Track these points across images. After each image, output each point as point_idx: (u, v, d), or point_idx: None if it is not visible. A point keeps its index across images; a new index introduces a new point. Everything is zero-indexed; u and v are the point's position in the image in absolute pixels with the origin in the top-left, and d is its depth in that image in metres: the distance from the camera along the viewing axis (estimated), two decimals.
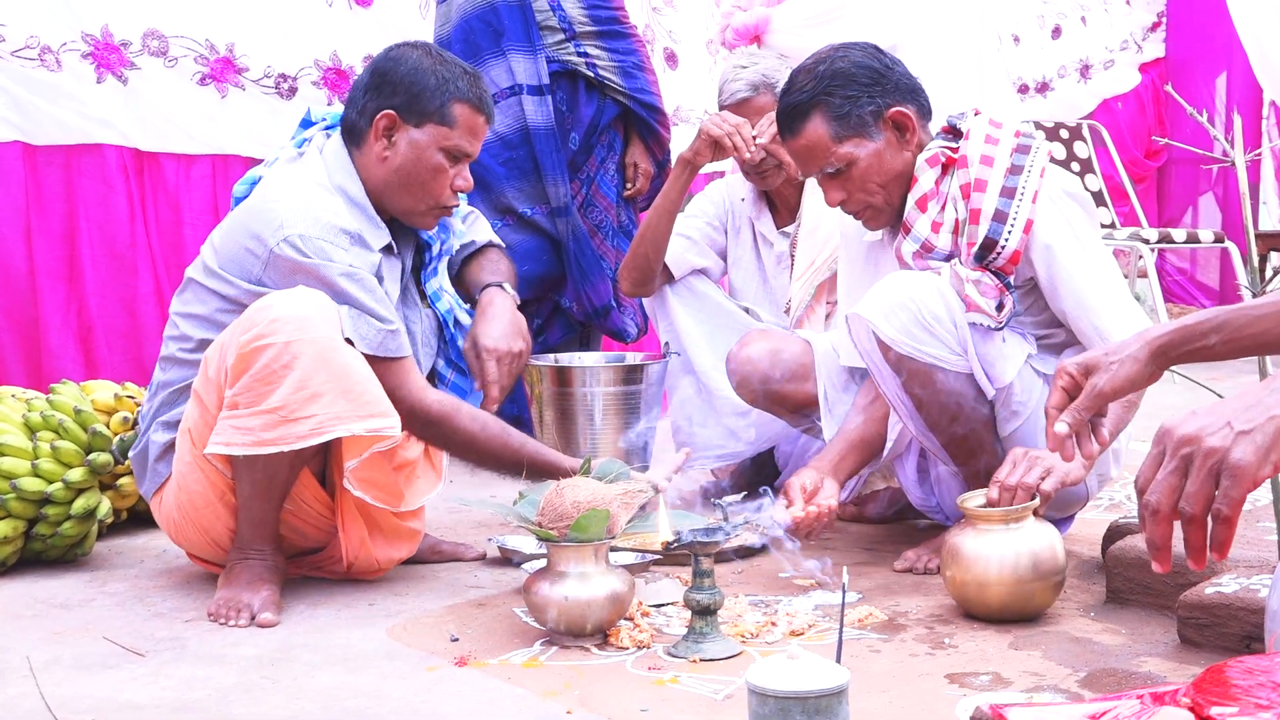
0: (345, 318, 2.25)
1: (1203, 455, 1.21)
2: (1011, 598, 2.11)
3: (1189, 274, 7.43)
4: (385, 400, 2.24)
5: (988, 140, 2.41)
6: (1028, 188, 2.36)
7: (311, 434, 2.15)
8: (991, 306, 2.35)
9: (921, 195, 2.42)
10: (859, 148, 2.43)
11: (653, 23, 4.99)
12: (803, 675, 1.40)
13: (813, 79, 2.45)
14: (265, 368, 2.15)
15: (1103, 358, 1.58)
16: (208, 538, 2.39)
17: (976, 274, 2.36)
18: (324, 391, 2.15)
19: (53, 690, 1.88)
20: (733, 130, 3.00)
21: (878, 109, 2.43)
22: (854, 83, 2.43)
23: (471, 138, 2.43)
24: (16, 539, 2.54)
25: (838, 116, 2.43)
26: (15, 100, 3.53)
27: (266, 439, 2.15)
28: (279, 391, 2.14)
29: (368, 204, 2.41)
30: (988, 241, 2.35)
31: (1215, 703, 1.15)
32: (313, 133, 2.52)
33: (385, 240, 2.42)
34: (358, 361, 2.22)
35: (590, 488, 2.09)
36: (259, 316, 2.19)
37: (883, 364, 2.41)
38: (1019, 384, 2.40)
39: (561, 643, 2.05)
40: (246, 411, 2.16)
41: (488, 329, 2.54)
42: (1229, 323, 1.51)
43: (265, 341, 2.15)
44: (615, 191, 3.78)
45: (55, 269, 3.63)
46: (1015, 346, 2.41)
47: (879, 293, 2.39)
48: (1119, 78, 7.46)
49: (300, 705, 1.81)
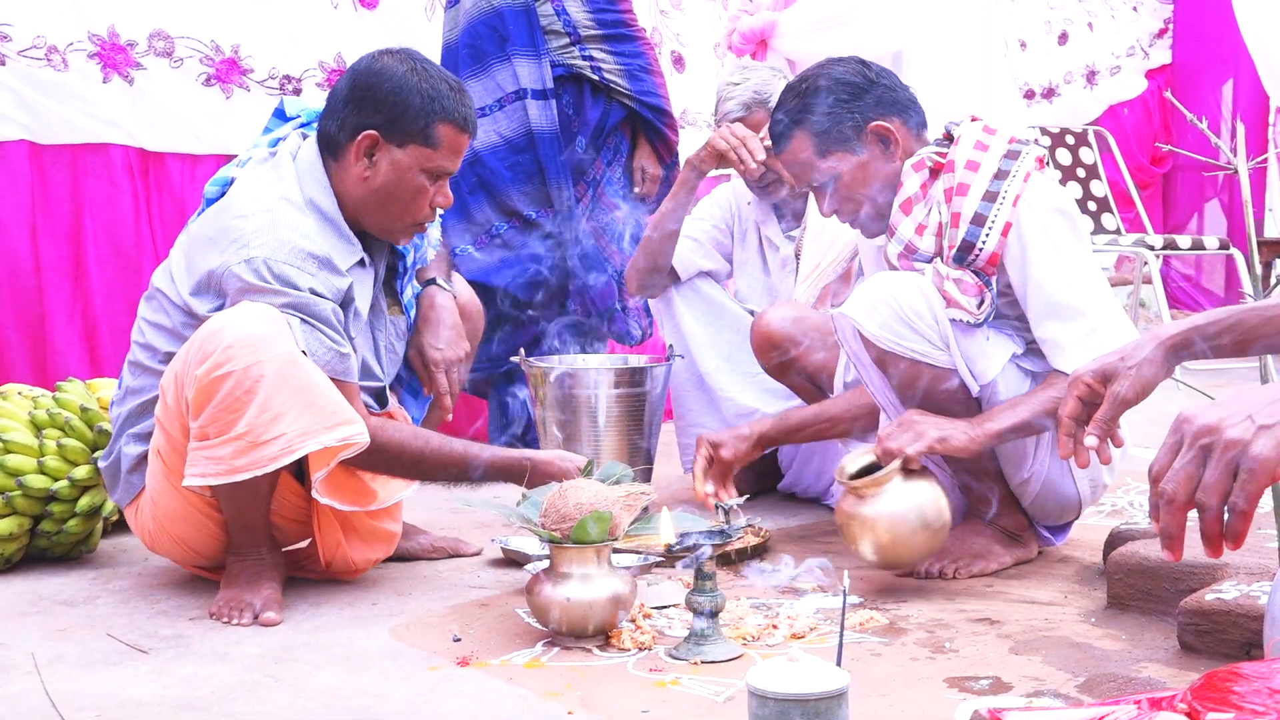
0: (298, 330, 2.20)
1: (1222, 446, 1.21)
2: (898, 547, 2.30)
3: (1194, 280, 7.43)
4: (349, 407, 2.21)
5: (977, 146, 2.44)
6: (1009, 192, 2.39)
7: (282, 453, 2.12)
8: (972, 304, 2.39)
9: (906, 199, 2.47)
10: (842, 162, 2.50)
11: (660, 25, 5.00)
12: (803, 678, 1.41)
13: (795, 97, 2.54)
14: (229, 395, 2.11)
15: (1119, 364, 1.58)
16: (188, 548, 2.39)
17: (957, 273, 2.39)
18: (287, 409, 2.12)
19: (57, 686, 1.88)
20: (739, 144, 3.05)
21: (857, 123, 2.49)
22: (836, 98, 2.49)
23: (455, 157, 2.38)
24: (22, 536, 2.55)
25: (819, 133, 2.50)
26: (22, 99, 3.54)
27: (239, 466, 2.13)
28: (245, 417, 2.11)
29: (340, 219, 2.36)
30: (965, 244, 2.38)
31: (1212, 708, 1.16)
32: (287, 130, 2.47)
33: (357, 256, 2.37)
34: (317, 374, 2.19)
35: (593, 490, 2.09)
36: (210, 344, 2.14)
37: (868, 361, 2.44)
38: (1004, 382, 2.41)
39: (563, 644, 2.06)
40: (216, 440, 2.14)
41: (432, 337, 2.56)
42: (1242, 322, 1.52)
43: (224, 370, 2.11)
44: (622, 194, 3.79)
45: (61, 267, 3.64)
46: (999, 345, 2.43)
47: (862, 292, 2.44)
48: (1125, 84, 7.47)
49: (303, 704, 1.82)
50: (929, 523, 2.29)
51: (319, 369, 2.21)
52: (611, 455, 3.16)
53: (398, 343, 2.57)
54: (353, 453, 2.22)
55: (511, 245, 3.66)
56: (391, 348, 2.55)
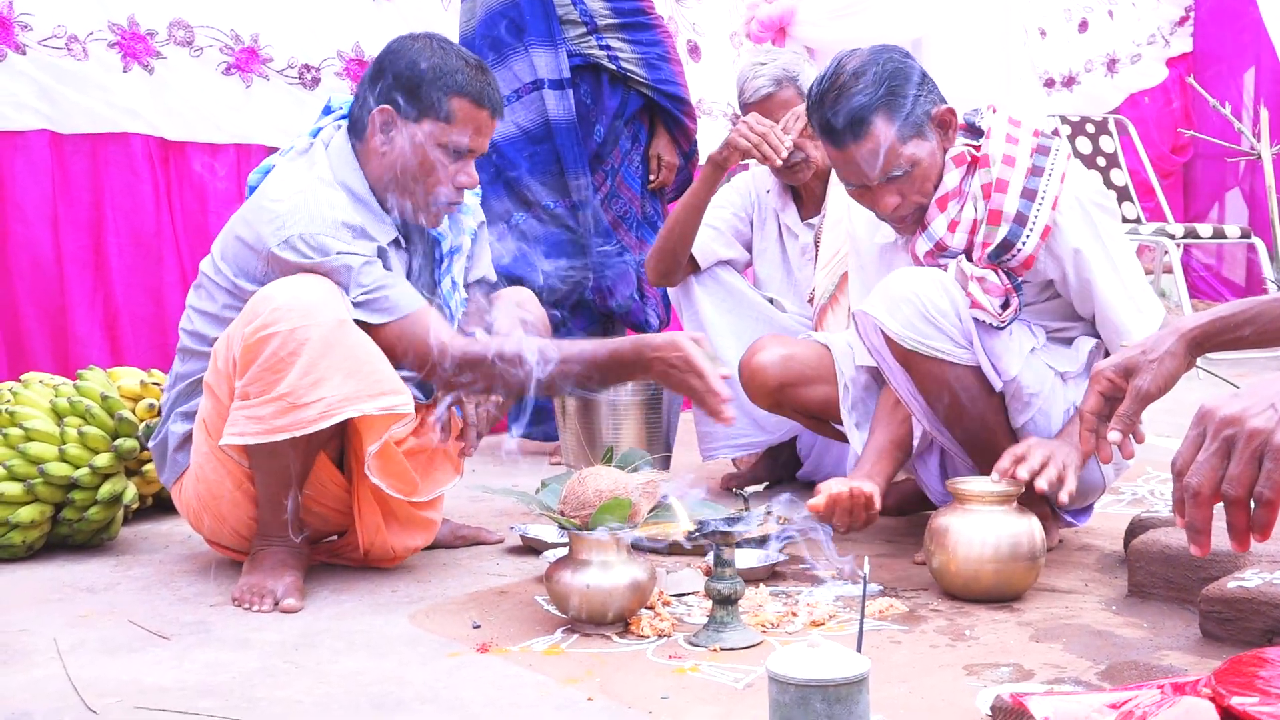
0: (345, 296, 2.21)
1: (1246, 437, 1.20)
2: (993, 578, 2.18)
3: (1215, 270, 7.37)
4: (395, 378, 2.21)
5: (1009, 140, 2.40)
6: (1048, 192, 2.36)
7: (321, 417, 2.14)
8: (996, 305, 2.36)
9: (944, 194, 2.41)
10: (919, 148, 2.38)
11: (676, 15, 4.99)
12: (823, 664, 1.40)
13: (872, 81, 2.36)
14: (273, 355, 2.14)
15: (1140, 358, 1.57)
16: (227, 526, 2.40)
17: (982, 271, 2.36)
18: (331, 374, 2.14)
19: (79, 672, 1.89)
20: (760, 140, 3.01)
21: (928, 108, 2.40)
22: (908, 81, 2.38)
23: (473, 133, 2.36)
24: (44, 523, 2.57)
25: (901, 117, 2.36)
26: (43, 89, 3.56)
27: (278, 426, 2.15)
28: (287, 378, 2.14)
29: (372, 199, 2.38)
30: (1005, 243, 2.35)
31: (1236, 692, 1.15)
32: (327, 122, 2.50)
33: (391, 235, 2.39)
34: (365, 342, 2.20)
35: (612, 477, 2.10)
36: (261, 306, 2.18)
37: (891, 360, 2.42)
38: (1028, 375, 2.40)
39: (583, 630, 2.06)
40: (258, 400, 2.16)
41: None
42: (1264, 313, 1.51)
43: (270, 330, 2.14)
44: (640, 183, 3.79)
45: (82, 256, 3.66)
46: (1021, 339, 2.41)
47: (884, 289, 2.40)
48: (1146, 72, 7.41)
49: (324, 690, 1.82)
50: (1020, 550, 2.19)
51: (368, 339, 2.21)
52: (630, 443, 3.16)
53: None
54: (401, 426, 2.22)
55: (530, 235, 3.66)
56: None
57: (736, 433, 3.22)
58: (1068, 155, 2.43)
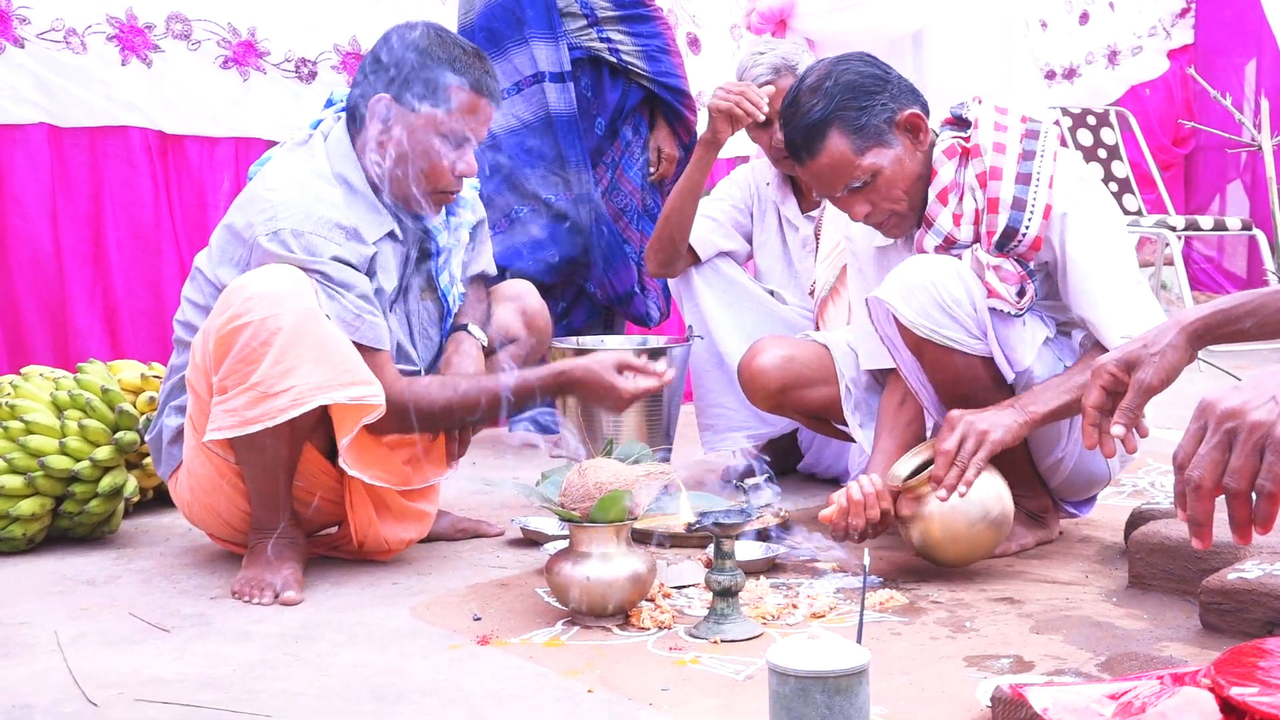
0: (321, 295, 2.21)
1: (1247, 429, 1.20)
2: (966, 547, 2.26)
3: (1216, 262, 7.37)
4: (366, 369, 2.20)
5: (997, 127, 2.41)
6: (1043, 173, 2.36)
7: (292, 405, 2.13)
8: (1012, 293, 2.35)
9: (942, 188, 2.41)
10: (880, 156, 2.38)
11: (676, 7, 4.98)
12: (823, 655, 1.40)
13: (822, 96, 2.38)
14: (245, 346, 2.13)
15: (1142, 351, 1.56)
16: (221, 520, 2.40)
17: (997, 260, 2.36)
18: (301, 363, 2.13)
19: (80, 665, 1.89)
20: (739, 98, 2.99)
21: (890, 115, 2.39)
22: (863, 92, 2.38)
23: (471, 120, 2.34)
24: (44, 516, 2.57)
25: (855, 129, 2.37)
26: (42, 82, 3.56)
27: (250, 417, 2.14)
28: (260, 368, 2.13)
29: (368, 192, 2.36)
30: (1009, 230, 2.35)
31: (1236, 683, 1.15)
32: (327, 114, 2.49)
33: (388, 227, 2.37)
34: (336, 333, 2.20)
35: (612, 469, 2.09)
36: (233, 297, 2.17)
37: (904, 348, 2.41)
38: (1039, 367, 2.39)
39: (583, 623, 2.06)
40: (233, 392, 2.15)
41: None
42: (1265, 305, 1.51)
43: (241, 321, 2.13)
44: (641, 175, 3.79)
45: (81, 250, 3.66)
46: (1033, 329, 2.41)
47: (899, 275, 2.38)
48: (1147, 64, 7.40)
49: (324, 682, 1.82)
50: (991, 515, 2.24)
51: (339, 329, 2.21)
52: (631, 435, 3.16)
53: (431, 328, 2.55)
54: (374, 416, 2.21)
55: (531, 228, 3.66)
56: (425, 332, 2.53)
57: (739, 425, 3.22)
58: (1057, 136, 2.43)
